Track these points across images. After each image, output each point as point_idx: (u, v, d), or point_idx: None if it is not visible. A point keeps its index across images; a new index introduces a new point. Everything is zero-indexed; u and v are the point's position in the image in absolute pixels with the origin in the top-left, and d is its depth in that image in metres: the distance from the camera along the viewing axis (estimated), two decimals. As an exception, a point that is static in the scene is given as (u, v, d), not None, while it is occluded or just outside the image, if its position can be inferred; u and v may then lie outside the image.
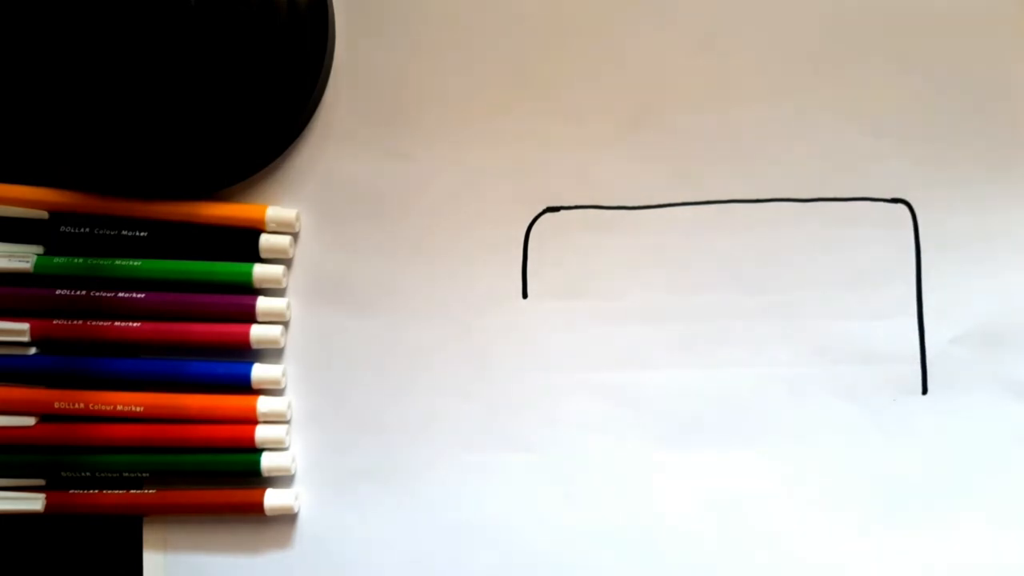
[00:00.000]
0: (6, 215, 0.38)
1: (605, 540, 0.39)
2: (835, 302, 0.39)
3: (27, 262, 0.38)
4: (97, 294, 0.38)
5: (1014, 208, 0.39)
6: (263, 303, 0.38)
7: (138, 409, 0.38)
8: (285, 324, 0.39)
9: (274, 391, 0.39)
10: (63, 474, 0.38)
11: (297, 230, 0.39)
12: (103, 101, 0.36)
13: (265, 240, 0.39)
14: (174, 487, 0.39)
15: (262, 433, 0.38)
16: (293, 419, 0.39)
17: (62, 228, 0.38)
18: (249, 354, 0.39)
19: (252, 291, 0.39)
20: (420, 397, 0.39)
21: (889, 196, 0.39)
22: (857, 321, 0.39)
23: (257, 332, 0.38)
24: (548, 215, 0.39)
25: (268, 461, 0.38)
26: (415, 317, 0.39)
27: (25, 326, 0.38)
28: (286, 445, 0.39)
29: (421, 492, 0.39)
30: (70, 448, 0.38)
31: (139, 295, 0.38)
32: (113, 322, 0.38)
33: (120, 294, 0.38)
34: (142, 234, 0.38)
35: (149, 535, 0.39)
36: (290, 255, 0.39)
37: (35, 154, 0.39)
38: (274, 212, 0.39)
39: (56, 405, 0.38)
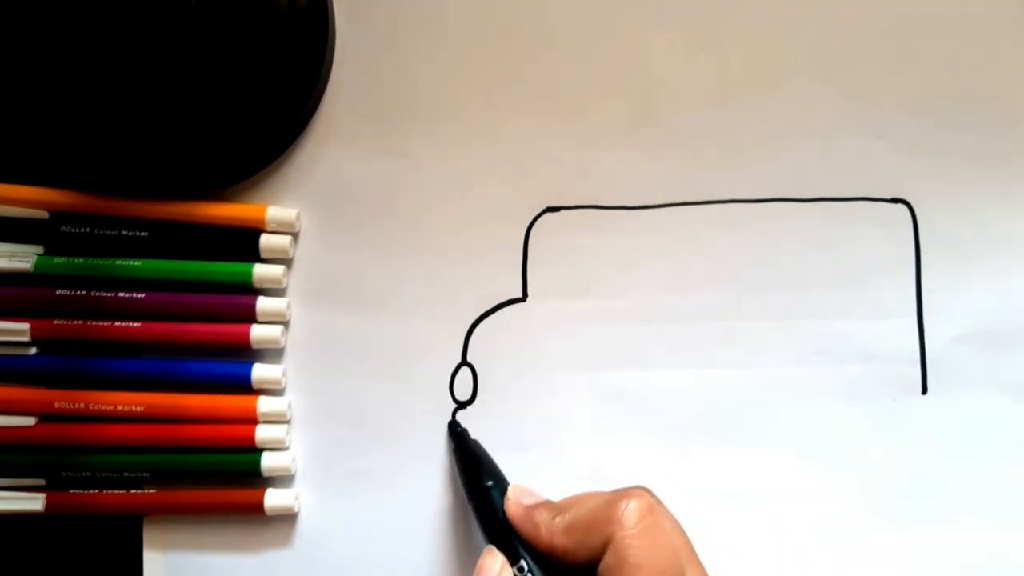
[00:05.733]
0: (6, 215, 0.38)
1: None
2: (835, 302, 0.39)
3: (27, 262, 0.38)
4: (97, 294, 0.38)
5: (1014, 208, 0.39)
6: (263, 303, 0.38)
7: (138, 409, 0.38)
8: (285, 324, 0.39)
9: (274, 391, 0.39)
10: (63, 474, 0.38)
11: (297, 230, 0.39)
12: (104, 101, 0.36)
13: (265, 240, 0.39)
14: (174, 487, 0.39)
15: (262, 433, 0.38)
16: (293, 419, 0.39)
17: (62, 228, 0.38)
18: (249, 354, 0.39)
19: (252, 291, 0.39)
20: (420, 397, 0.39)
21: (889, 196, 0.39)
22: (857, 321, 0.39)
23: (257, 332, 0.38)
24: (548, 215, 0.39)
25: (268, 461, 0.38)
26: (415, 317, 0.39)
27: (25, 326, 0.38)
28: (286, 445, 0.39)
29: (421, 492, 0.39)
30: (70, 448, 0.38)
31: (139, 295, 0.38)
32: (113, 322, 0.38)
33: (120, 294, 0.38)
34: (142, 234, 0.38)
35: (149, 535, 0.39)
36: (290, 255, 0.39)
37: (35, 154, 0.39)
38: (274, 212, 0.39)
39: (56, 405, 0.38)
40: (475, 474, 0.36)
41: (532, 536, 0.32)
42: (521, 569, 0.32)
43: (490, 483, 0.35)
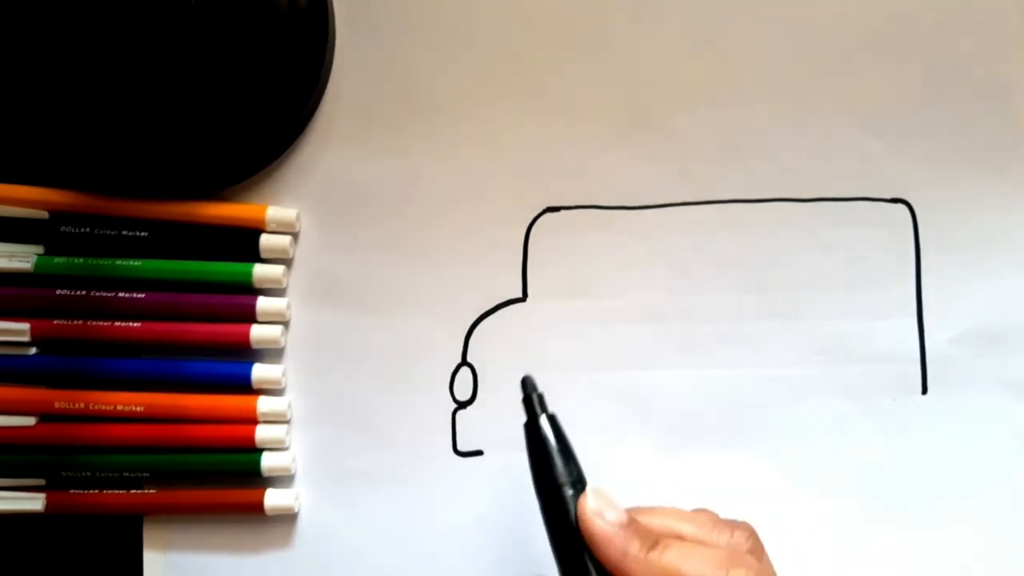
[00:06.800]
0: (6, 215, 0.38)
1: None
2: (835, 302, 0.39)
3: (27, 262, 0.38)
4: (97, 294, 0.38)
5: (1014, 208, 0.39)
6: (263, 303, 0.38)
7: (138, 409, 0.38)
8: (285, 324, 0.39)
9: (274, 391, 0.39)
10: (63, 474, 0.38)
11: (297, 230, 0.39)
12: (104, 101, 0.36)
13: (265, 240, 0.38)
14: (174, 487, 0.39)
15: (262, 433, 0.38)
16: (293, 419, 0.39)
17: (62, 228, 0.38)
18: (249, 354, 0.39)
19: (252, 291, 0.39)
20: (420, 397, 0.39)
21: (889, 196, 0.39)
22: (857, 321, 0.39)
23: (257, 332, 0.38)
24: (548, 215, 0.39)
25: (268, 461, 0.38)
26: (415, 317, 0.39)
27: (25, 326, 0.38)
28: (286, 445, 0.39)
29: (421, 492, 0.39)
30: (70, 448, 0.38)
31: (139, 295, 0.38)
32: (113, 322, 0.38)
33: (120, 294, 0.38)
34: (142, 234, 0.38)
35: (149, 535, 0.39)
36: (290, 255, 0.39)
37: (35, 154, 0.39)
38: (274, 212, 0.39)
39: (56, 405, 0.38)
40: (546, 466, 0.30)
41: (617, 567, 0.28)
42: None
43: (563, 482, 0.29)
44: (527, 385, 0.32)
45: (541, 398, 0.32)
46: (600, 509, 0.28)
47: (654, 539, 0.28)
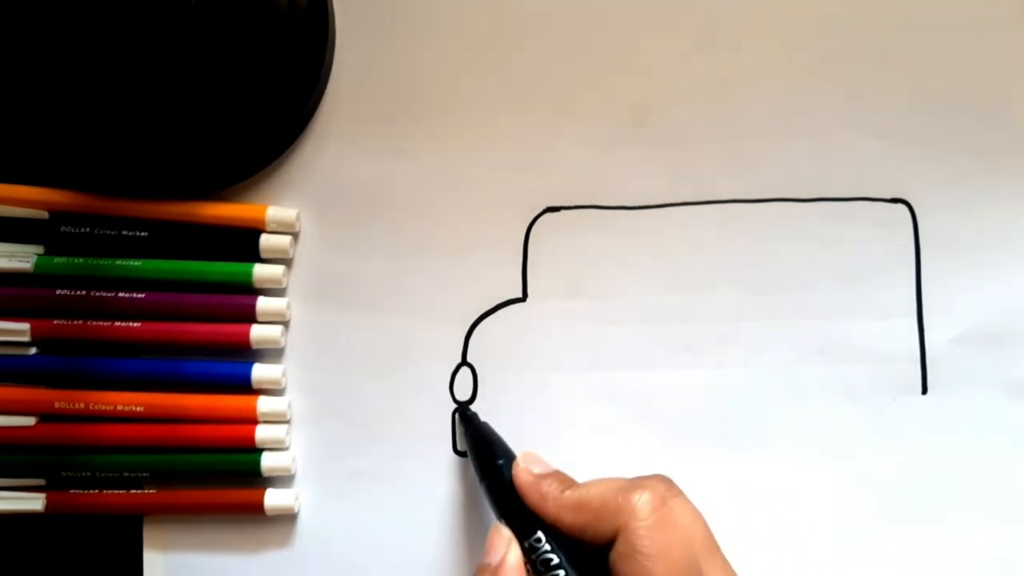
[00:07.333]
0: (6, 215, 0.38)
1: (605, 540, 0.39)
2: (835, 302, 0.39)
3: (27, 262, 0.38)
4: (97, 294, 0.38)
5: (1014, 208, 0.39)
6: (263, 303, 0.38)
7: (138, 409, 0.38)
8: (285, 324, 0.39)
9: (274, 391, 0.39)
10: (63, 474, 0.38)
11: (297, 230, 0.39)
12: (104, 101, 0.36)
13: (265, 240, 0.39)
14: (174, 487, 0.39)
15: (262, 433, 0.38)
16: (293, 419, 0.39)
17: (62, 228, 0.38)
18: (249, 354, 0.39)
19: (252, 291, 0.39)
20: (420, 397, 0.39)
21: (889, 196, 0.39)
22: (857, 321, 0.39)
23: (257, 332, 0.38)
24: (548, 215, 0.39)
25: (268, 461, 0.38)
26: (415, 317, 0.39)
27: (25, 326, 0.38)
28: (286, 445, 0.39)
29: (421, 492, 0.39)
30: (70, 448, 0.38)
31: (139, 295, 0.38)
32: (113, 322, 0.38)
33: (120, 294, 0.38)
34: (142, 234, 0.38)
35: (149, 535, 0.39)
36: (290, 255, 0.39)
37: (35, 154, 0.39)
38: (274, 212, 0.39)
39: (56, 405, 0.38)
40: (487, 454, 0.35)
41: (538, 507, 0.32)
42: (538, 540, 0.31)
43: (501, 461, 0.34)
44: (464, 408, 0.39)
45: (476, 414, 0.38)
46: (528, 464, 0.33)
47: (570, 483, 0.32)
